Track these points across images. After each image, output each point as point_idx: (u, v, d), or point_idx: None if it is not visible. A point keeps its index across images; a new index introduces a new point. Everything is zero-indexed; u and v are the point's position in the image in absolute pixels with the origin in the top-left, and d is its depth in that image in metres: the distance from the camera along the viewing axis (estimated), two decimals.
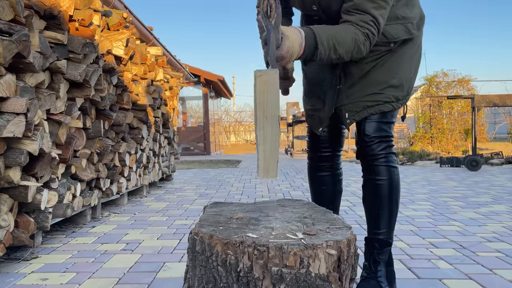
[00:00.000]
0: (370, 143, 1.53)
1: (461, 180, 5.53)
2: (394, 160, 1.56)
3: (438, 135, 11.50)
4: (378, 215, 1.55)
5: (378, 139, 1.53)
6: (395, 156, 1.57)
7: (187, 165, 9.12)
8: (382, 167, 1.53)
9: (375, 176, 1.54)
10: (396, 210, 1.57)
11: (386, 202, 1.54)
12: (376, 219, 1.56)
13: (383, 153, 1.53)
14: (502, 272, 1.88)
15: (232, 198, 4.21)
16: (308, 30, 1.30)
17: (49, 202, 2.34)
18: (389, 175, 1.54)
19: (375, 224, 1.56)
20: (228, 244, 0.90)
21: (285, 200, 1.47)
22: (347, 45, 1.33)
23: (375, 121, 1.53)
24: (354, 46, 1.34)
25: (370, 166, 1.55)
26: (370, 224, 1.59)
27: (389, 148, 1.55)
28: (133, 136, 4.05)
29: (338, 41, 1.32)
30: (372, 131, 1.53)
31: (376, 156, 1.53)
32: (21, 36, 1.94)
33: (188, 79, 7.18)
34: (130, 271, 1.97)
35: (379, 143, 1.53)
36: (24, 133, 2.00)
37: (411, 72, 1.57)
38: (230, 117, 27.34)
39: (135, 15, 4.06)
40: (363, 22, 1.34)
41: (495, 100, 7.02)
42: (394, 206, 1.56)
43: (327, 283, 0.88)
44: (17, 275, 1.92)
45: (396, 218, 1.58)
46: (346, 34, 1.33)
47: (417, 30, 1.53)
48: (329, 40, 1.30)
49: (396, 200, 1.56)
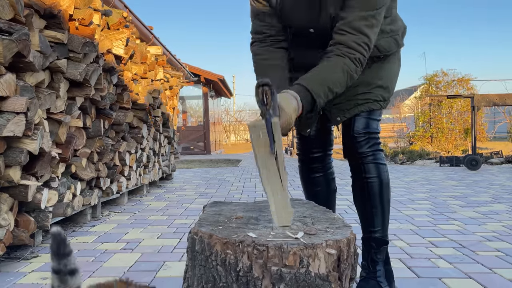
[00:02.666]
0: (359, 139, 1.53)
1: (460, 180, 5.53)
2: (382, 157, 1.57)
3: (437, 135, 11.49)
4: (372, 213, 1.55)
5: (367, 135, 1.54)
6: (382, 153, 1.58)
7: (187, 165, 9.12)
8: (371, 164, 1.53)
9: (364, 174, 1.54)
10: (388, 207, 1.58)
11: (378, 200, 1.54)
12: (369, 217, 1.56)
13: (371, 150, 1.54)
14: (501, 271, 1.88)
15: (232, 197, 4.21)
16: (302, 89, 1.29)
17: (49, 201, 2.34)
18: (378, 173, 1.54)
19: (369, 222, 1.57)
20: (228, 244, 0.90)
21: None
22: (340, 82, 1.34)
23: (364, 117, 1.55)
24: (346, 78, 1.35)
25: (358, 165, 1.55)
26: (364, 223, 1.59)
27: (377, 145, 1.56)
28: (133, 135, 4.05)
29: (333, 83, 1.33)
30: (361, 127, 1.54)
31: (365, 153, 1.53)
32: (21, 35, 1.94)
33: (188, 78, 7.18)
34: (130, 270, 1.97)
35: (367, 139, 1.53)
36: (24, 132, 2.00)
37: (394, 77, 1.63)
38: (230, 116, 27.34)
39: (135, 15, 4.06)
40: (356, 44, 1.34)
41: (495, 99, 7.02)
42: (386, 204, 1.56)
43: (326, 282, 0.88)
44: (17, 274, 1.92)
45: (389, 216, 1.59)
46: (336, 72, 1.33)
47: (402, 40, 1.60)
48: (324, 89, 1.31)
49: (388, 197, 1.57)
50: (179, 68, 6.29)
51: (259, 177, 1.12)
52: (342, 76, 1.34)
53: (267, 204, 1.36)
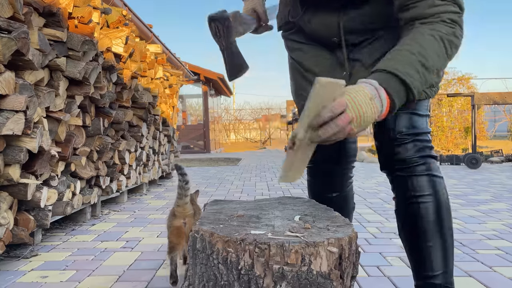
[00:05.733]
0: (404, 142, 1.13)
1: (461, 178, 5.53)
2: (437, 167, 1.16)
3: (438, 133, 11.49)
4: (428, 249, 1.11)
5: (413, 137, 1.13)
6: (437, 161, 1.17)
7: (187, 163, 9.11)
8: (423, 177, 1.12)
9: (414, 192, 1.13)
10: (451, 240, 1.14)
11: (436, 229, 1.11)
12: (425, 256, 1.12)
13: (421, 156, 1.13)
14: (501, 270, 1.88)
15: (232, 196, 4.21)
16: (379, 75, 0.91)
17: (48, 199, 2.34)
18: (434, 189, 1.13)
19: (424, 263, 1.12)
20: (229, 242, 0.90)
21: (286, 198, 1.47)
22: (437, 51, 0.93)
23: (406, 113, 1.13)
24: (444, 44, 0.93)
25: (404, 179, 1.14)
26: (418, 265, 1.15)
27: (429, 150, 1.15)
28: (132, 134, 4.04)
29: (425, 56, 0.92)
30: (404, 128, 1.13)
31: (413, 162, 1.13)
32: (20, 34, 1.93)
33: (187, 77, 7.17)
34: (130, 269, 1.96)
35: (413, 142, 1.13)
36: (24, 131, 2.00)
37: None
38: (230, 115, 27.31)
39: (134, 13, 4.05)
40: (435, 7, 0.95)
41: (495, 98, 7.02)
42: (448, 234, 1.13)
43: (328, 280, 0.88)
44: (16, 273, 1.92)
45: (453, 251, 1.15)
46: (425, 41, 0.93)
47: None
48: (413, 65, 0.91)
49: (449, 224, 1.14)
50: (178, 67, 6.28)
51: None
52: (436, 45, 0.93)
53: (267, 202, 1.36)
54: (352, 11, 1.14)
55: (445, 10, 0.95)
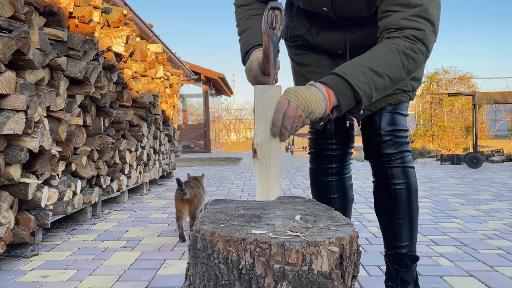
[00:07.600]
0: (385, 138, 1.32)
1: (461, 178, 5.52)
2: (410, 159, 1.37)
3: (438, 133, 11.48)
4: (399, 225, 1.35)
5: (393, 133, 1.32)
6: (410, 154, 1.38)
7: (187, 163, 9.12)
8: (398, 168, 1.33)
9: (391, 179, 1.34)
10: (417, 218, 1.38)
11: (406, 209, 1.34)
12: (396, 230, 1.36)
13: (399, 151, 1.33)
14: (502, 269, 1.87)
15: (233, 195, 4.21)
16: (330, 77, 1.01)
17: (49, 199, 2.34)
18: (407, 178, 1.34)
19: (395, 236, 1.36)
20: (230, 241, 0.89)
21: (287, 198, 1.46)
22: (391, 62, 1.03)
23: (390, 112, 1.32)
24: (400, 57, 1.03)
25: (383, 168, 1.34)
26: (389, 237, 1.38)
27: (405, 146, 1.35)
28: (133, 134, 4.04)
29: (378, 65, 1.02)
30: (387, 125, 1.32)
31: (391, 156, 1.32)
32: (20, 33, 1.93)
33: (188, 76, 7.17)
34: (131, 268, 1.96)
35: (394, 139, 1.32)
36: (24, 130, 2.00)
37: None
38: (231, 114, 27.31)
39: (135, 12, 4.05)
40: (405, 20, 1.04)
41: (496, 97, 7.01)
42: (415, 214, 1.37)
43: (329, 280, 0.88)
44: (17, 272, 1.92)
45: (417, 227, 1.40)
46: (380, 53, 1.04)
47: None
48: (363, 70, 1.01)
49: (416, 205, 1.38)
50: (179, 66, 6.27)
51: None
52: (391, 55, 1.03)
53: (268, 202, 1.35)
54: (359, 30, 1.30)
55: (411, 26, 1.04)
